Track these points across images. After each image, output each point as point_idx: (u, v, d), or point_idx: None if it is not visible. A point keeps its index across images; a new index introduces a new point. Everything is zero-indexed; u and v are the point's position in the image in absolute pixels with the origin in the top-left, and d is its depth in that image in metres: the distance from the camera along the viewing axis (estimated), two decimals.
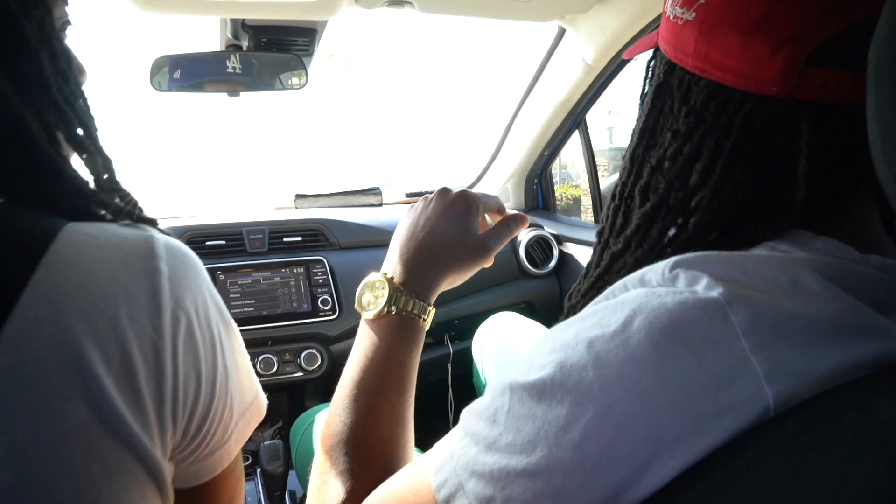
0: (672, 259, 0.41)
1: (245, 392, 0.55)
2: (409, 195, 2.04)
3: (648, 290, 0.40)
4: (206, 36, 1.27)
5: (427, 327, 0.70)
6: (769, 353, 0.36)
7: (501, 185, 2.04)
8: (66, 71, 0.50)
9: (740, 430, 0.36)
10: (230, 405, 0.52)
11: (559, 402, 0.38)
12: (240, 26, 1.16)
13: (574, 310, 0.52)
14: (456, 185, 1.55)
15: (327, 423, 0.66)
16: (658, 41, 0.53)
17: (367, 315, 0.69)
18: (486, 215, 0.77)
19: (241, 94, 1.20)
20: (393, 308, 0.67)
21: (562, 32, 1.52)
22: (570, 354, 0.39)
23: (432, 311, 0.70)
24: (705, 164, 0.47)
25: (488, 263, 0.72)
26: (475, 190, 0.75)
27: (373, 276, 0.71)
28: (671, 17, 0.49)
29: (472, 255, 0.71)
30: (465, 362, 1.66)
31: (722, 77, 0.46)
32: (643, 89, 0.57)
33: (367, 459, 0.61)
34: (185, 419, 0.46)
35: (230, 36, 1.20)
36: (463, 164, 2.49)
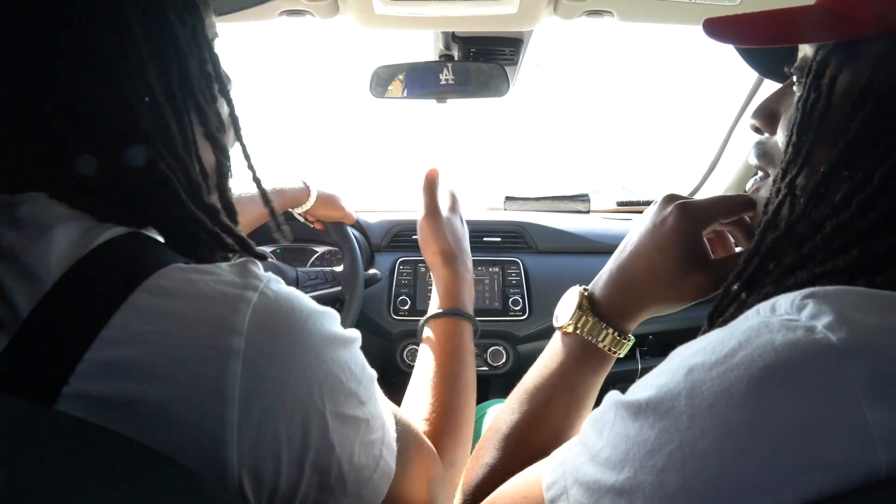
0: (810, 288, 0.37)
1: (362, 469, 0.50)
2: (619, 203, 1.99)
3: (765, 321, 0.37)
4: (416, 45, 1.36)
5: (620, 355, 0.66)
6: (889, 412, 0.31)
7: None
8: (212, 75, 0.54)
9: (834, 491, 0.31)
10: (330, 481, 0.47)
11: (650, 425, 0.38)
12: (450, 38, 1.25)
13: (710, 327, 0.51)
14: (685, 192, 1.44)
15: (496, 415, 0.69)
16: None
17: (557, 325, 0.69)
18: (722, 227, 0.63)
19: (448, 100, 1.28)
20: (579, 329, 0.66)
21: None
22: (669, 379, 0.38)
23: (626, 343, 0.65)
24: None
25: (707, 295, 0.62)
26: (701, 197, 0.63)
27: (574, 289, 0.69)
28: None
29: (682, 291, 0.62)
30: None
31: None
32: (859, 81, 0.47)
33: (513, 461, 0.62)
34: (265, 495, 0.43)
35: (442, 47, 1.29)
36: (681, 173, 2.35)
